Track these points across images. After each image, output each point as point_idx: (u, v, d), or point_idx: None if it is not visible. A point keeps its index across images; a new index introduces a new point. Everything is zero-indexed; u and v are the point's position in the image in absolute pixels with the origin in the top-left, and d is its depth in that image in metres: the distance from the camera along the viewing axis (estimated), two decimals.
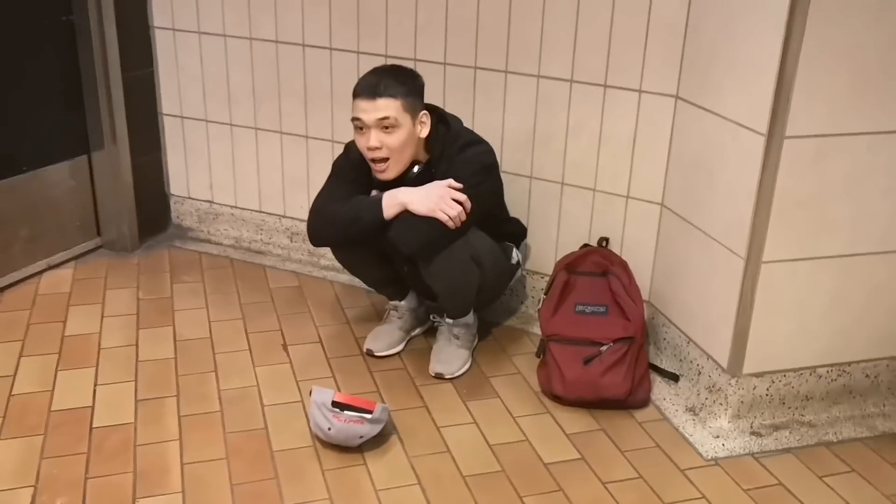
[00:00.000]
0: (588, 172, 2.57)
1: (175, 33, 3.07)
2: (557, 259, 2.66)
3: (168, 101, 3.17)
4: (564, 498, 1.98)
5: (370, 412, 2.05)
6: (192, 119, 3.17)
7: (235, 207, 3.24)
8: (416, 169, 2.29)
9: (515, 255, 2.56)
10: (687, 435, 2.22)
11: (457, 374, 2.44)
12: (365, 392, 2.35)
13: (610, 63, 2.43)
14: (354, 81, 2.80)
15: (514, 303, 2.81)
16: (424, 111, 2.27)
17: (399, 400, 2.32)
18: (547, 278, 2.72)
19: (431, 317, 2.57)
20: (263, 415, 2.24)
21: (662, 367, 2.46)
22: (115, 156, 3.05)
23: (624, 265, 2.48)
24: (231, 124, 3.11)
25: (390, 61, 2.73)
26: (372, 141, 2.21)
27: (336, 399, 2.05)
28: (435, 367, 2.44)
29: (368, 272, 2.53)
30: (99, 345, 2.54)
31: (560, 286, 2.45)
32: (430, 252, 2.24)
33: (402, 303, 2.59)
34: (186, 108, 3.16)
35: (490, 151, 2.31)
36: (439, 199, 2.18)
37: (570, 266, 2.50)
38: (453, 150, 2.28)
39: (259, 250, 3.20)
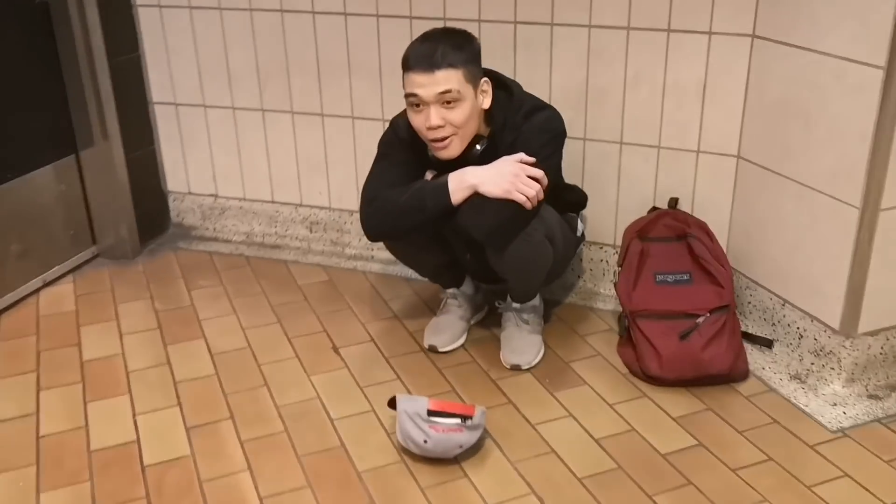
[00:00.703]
0: (651, 128, 2.34)
1: (161, 10, 2.74)
2: (618, 227, 2.46)
3: (158, 87, 2.85)
4: (697, 492, 1.77)
5: (469, 418, 1.81)
6: (187, 106, 2.85)
7: (244, 200, 2.94)
8: (479, 146, 2.02)
9: (580, 226, 2.33)
10: (801, 406, 2.03)
11: (534, 364, 2.21)
12: (440, 393, 2.10)
13: (673, 4, 2.19)
14: (374, 49, 2.55)
15: (570, 278, 2.58)
16: (485, 78, 2.00)
17: (479, 398, 2.08)
18: (605, 248, 2.51)
19: (496, 303, 2.33)
20: (335, 430, 1.98)
21: (752, 332, 2.27)
22: (108, 153, 2.73)
23: (703, 226, 2.27)
24: (234, 108, 2.81)
25: (416, 23, 2.46)
26: (433, 119, 1.93)
27: (431, 407, 1.80)
28: (510, 357, 2.20)
29: (425, 261, 2.26)
30: (126, 367, 2.24)
31: (636, 256, 2.23)
32: (506, 237, 1.99)
33: (461, 290, 2.34)
34: (180, 93, 2.84)
35: (558, 117, 2.05)
36: (515, 178, 1.91)
37: (642, 233, 2.28)
38: (518, 119, 2.02)
39: (275, 244, 2.91)
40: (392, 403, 1.92)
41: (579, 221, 2.33)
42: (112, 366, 2.24)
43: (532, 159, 1.95)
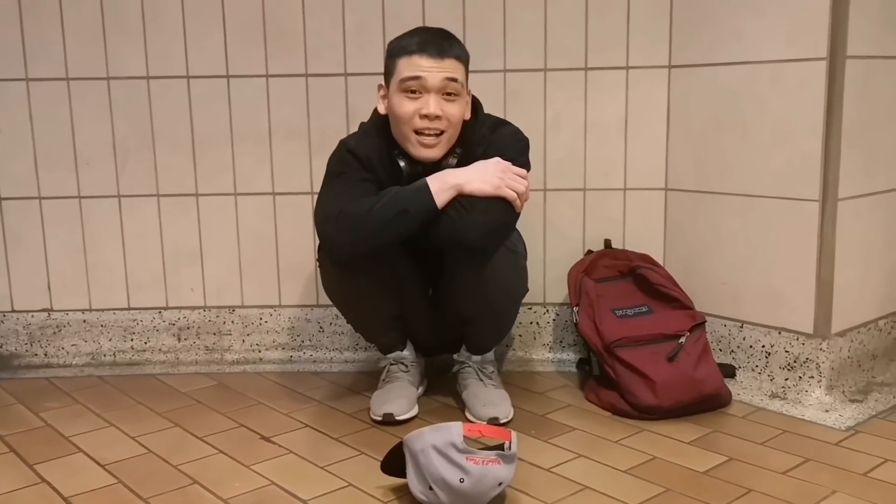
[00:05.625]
0: (575, 170, 2.28)
1: None
2: (547, 284, 2.33)
3: None
4: (764, 496, 1.55)
5: (506, 444, 1.47)
6: (15, 200, 2.36)
7: (89, 311, 2.41)
8: (452, 159, 1.83)
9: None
10: (798, 416, 1.92)
11: (510, 417, 1.92)
12: None
13: (589, 42, 2.21)
14: (262, 113, 2.30)
15: (498, 348, 2.33)
16: (469, 90, 1.87)
17: None
18: (535, 308, 2.34)
19: (454, 356, 2.04)
20: None
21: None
22: None
23: (647, 257, 2.20)
24: (79, 196, 2.36)
25: (312, 81, 2.27)
26: (432, 106, 1.75)
27: (465, 434, 1.44)
28: (484, 411, 1.90)
29: (380, 309, 1.91)
30: None
31: (592, 292, 2.08)
32: (496, 241, 1.77)
33: (406, 353, 2.03)
34: (7, 184, 2.35)
35: (522, 131, 1.92)
36: (502, 174, 1.73)
37: (588, 273, 2.15)
38: (485, 131, 1.87)
39: (132, 361, 2.39)
40: (389, 464, 1.54)
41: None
42: None
43: (508, 162, 1.78)
